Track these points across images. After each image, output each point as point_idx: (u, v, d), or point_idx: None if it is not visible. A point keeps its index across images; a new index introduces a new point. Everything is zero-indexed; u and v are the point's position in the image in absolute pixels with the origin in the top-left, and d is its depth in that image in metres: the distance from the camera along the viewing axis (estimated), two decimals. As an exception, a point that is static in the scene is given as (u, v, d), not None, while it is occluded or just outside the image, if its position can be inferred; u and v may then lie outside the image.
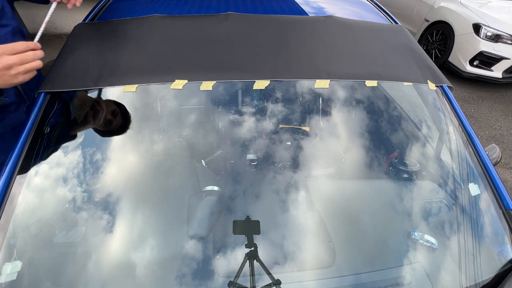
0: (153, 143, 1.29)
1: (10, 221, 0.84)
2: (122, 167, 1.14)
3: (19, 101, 1.18)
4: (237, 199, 1.09)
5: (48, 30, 4.55)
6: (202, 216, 1.02)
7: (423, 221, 1.06)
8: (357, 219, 1.08)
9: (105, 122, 1.15)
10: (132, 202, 1.04)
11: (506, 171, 2.89)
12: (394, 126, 1.53)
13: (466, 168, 1.10)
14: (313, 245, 0.98)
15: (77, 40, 1.16)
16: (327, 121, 1.45)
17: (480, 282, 0.87)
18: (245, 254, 0.90)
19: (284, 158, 1.27)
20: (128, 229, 0.96)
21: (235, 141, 1.33)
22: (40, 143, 0.98)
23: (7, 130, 1.19)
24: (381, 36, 1.31)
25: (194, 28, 1.20)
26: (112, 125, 1.17)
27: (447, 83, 1.23)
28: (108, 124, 1.16)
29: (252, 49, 1.14)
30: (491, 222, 0.97)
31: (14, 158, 0.89)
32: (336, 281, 0.89)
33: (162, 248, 0.94)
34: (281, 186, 1.13)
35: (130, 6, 1.44)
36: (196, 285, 0.86)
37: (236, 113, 1.44)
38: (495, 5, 4.28)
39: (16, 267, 0.80)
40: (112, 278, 0.86)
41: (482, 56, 3.90)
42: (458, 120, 1.16)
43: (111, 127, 1.17)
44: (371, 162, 1.30)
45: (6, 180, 0.85)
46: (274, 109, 1.50)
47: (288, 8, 1.49)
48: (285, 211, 1.06)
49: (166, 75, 1.03)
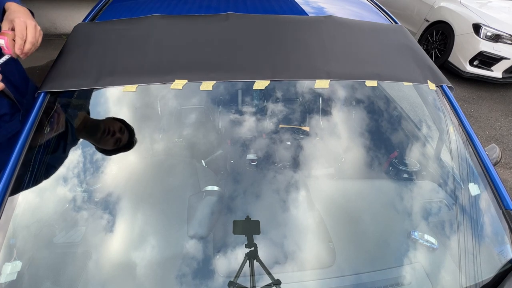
0: (153, 143, 1.29)
1: (10, 221, 0.84)
2: (122, 167, 1.14)
3: (12, 111, 1.16)
4: (237, 199, 1.09)
5: (48, 30, 4.55)
6: (202, 216, 1.02)
7: (423, 221, 1.06)
8: (357, 219, 1.08)
9: (115, 141, 1.17)
10: (132, 202, 1.04)
11: (506, 171, 2.89)
12: (394, 126, 1.53)
13: (466, 168, 1.10)
14: (313, 245, 0.98)
15: (77, 40, 1.16)
16: (327, 121, 1.45)
17: (480, 282, 0.87)
18: (245, 254, 0.90)
19: (284, 158, 1.27)
20: (128, 229, 0.96)
21: (235, 141, 1.33)
22: (40, 143, 0.97)
23: (3, 139, 1.17)
24: (381, 36, 1.31)
25: (194, 28, 1.20)
26: (122, 141, 1.18)
27: (447, 83, 1.23)
28: (118, 142, 1.17)
29: (252, 49, 1.14)
30: (491, 222, 0.97)
31: (14, 157, 0.89)
32: (336, 281, 0.89)
33: (162, 248, 0.94)
34: (281, 186, 1.13)
35: (130, 6, 1.44)
36: (196, 285, 0.86)
37: (236, 113, 1.44)
38: (495, 5, 4.28)
39: (16, 267, 0.80)
40: (112, 278, 0.86)
41: (482, 56, 3.90)
42: (458, 120, 1.16)
43: (122, 143, 1.19)
44: (371, 162, 1.30)
45: (6, 179, 0.85)
46: (274, 109, 1.50)
47: (288, 8, 1.49)
48: (285, 211, 1.06)
49: (166, 75, 1.03)
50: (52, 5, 4.37)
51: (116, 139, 1.16)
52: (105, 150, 1.17)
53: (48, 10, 4.40)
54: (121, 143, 1.18)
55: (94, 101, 1.17)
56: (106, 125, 1.16)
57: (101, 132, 1.15)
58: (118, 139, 1.17)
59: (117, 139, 1.17)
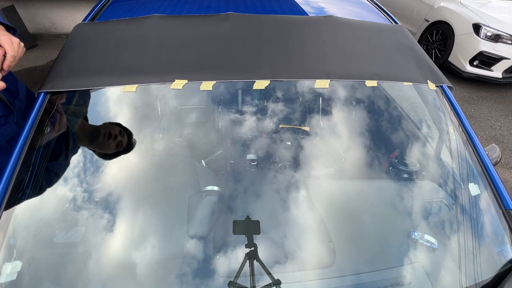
0: (153, 143, 1.30)
1: (10, 221, 0.84)
2: (122, 167, 1.14)
3: (7, 113, 1.14)
4: (237, 199, 1.09)
5: (48, 30, 4.55)
6: (202, 216, 1.02)
7: (423, 221, 1.06)
8: (357, 219, 1.08)
9: (117, 145, 1.17)
10: (132, 202, 1.04)
11: (506, 171, 2.89)
12: (394, 126, 1.53)
13: (466, 168, 1.10)
14: (313, 245, 0.98)
15: (77, 40, 1.16)
16: (327, 121, 1.46)
17: (480, 282, 0.87)
18: (245, 254, 0.90)
19: (284, 158, 1.27)
20: (128, 229, 0.96)
21: (235, 141, 1.33)
22: (40, 143, 0.97)
23: (1, 143, 1.17)
24: (381, 36, 1.31)
25: (194, 28, 1.20)
26: (123, 144, 1.19)
27: (447, 83, 1.23)
28: (119, 146, 1.17)
29: (252, 49, 1.14)
30: (491, 222, 0.97)
31: (14, 158, 0.89)
32: (336, 281, 0.89)
33: (163, 248, 0.94)
34: (281, 186, 1.13)
35: (130, 6, 1.44)
36: (196, 284, 0.86)
37: (236, 113, 1.44)
38: (495, 5, 4.28)
39: (16, 267, 0.80)
40: (112, 278, 0.86)
41: (482, 56, 3.90)
42: (458, 120, 1.16)
43: (123, 146, 1.19)
44: (371, 162, 1.30)
45: (7, 179, 0.85)
46: (274, 109, 1.50)
47: (288, 8, 1.49)
48: (285, 211, 1.06)
49: (166, 75, 1.03)
50: (52, 5, 4.37)
51: (117, 143, 1.16)
52: (106, 155, 1.17)
53: (48, 10, 4.40)
54: (122, 146, 1.18)
55: (94, 101, 1.17)
56: (106, 129, 1.16)
57: (102, 136, 1.15)
58: (119, 142, 1.17)
59: (118, 143, 1.17)
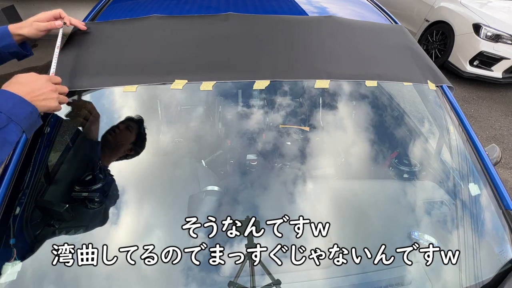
0: (153, 143, 1.30)
1: (10, 221, 0.84)
2: (122, 167, 1.14)
3: None
4: (237, 199, 1.09)
5: (48, 30, 4.55)
6: (202, 216, 1.02)
7: (423, 221, 1.06)
8: (357, 219, 1.08)
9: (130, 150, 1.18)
10: (132, 202, 1.04)
11: (506, 171, 2.89)
12: (394, 126, 1.53)
13: (466, 168, 1.10)
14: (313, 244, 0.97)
15: (77, 40, 1.15)
16: (327, 121, 1.46)
17: (480, 282, 0.87)
18: (245, 254, 0.90)
19: (284, 158, 1.27)
20: (128, 229, 0.96)
21: (235, 141, 1.33)
22: (40, 142, 0.98)
23: None
24: (381, 36, 1.31)
25: (194, 28, 1.20)
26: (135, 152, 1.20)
27: (447, 83, 1.22)
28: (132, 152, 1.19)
29: (252, 49, 1.14)
30: (491, 222, 0.97)
31: (14, 157, 0.89)
32: (336, 281, 0.89)
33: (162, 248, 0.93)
34: (281, 186, 1.13)
35: (130, 6, 1.44)
36: (196, 284, 0.86)
37: (236, 113, 1.44)
38: (495, 5, 4.28)
39: (16, 267, 0.80)
40: (113, 277, 0.86)
41: (482, 56, 3.89)
42: (458, 120, 1.16)
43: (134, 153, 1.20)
44: (371, 162, 1.30)
45: (7, 179, 0.85)
46: (274, 109, 1.50)
47: (288, 8, 1.49)
48: (285, 211, 1.06)
49: (166, 75, 1.03)
50: (52, 5, 4.37)
51: (130, 149, 1.18)
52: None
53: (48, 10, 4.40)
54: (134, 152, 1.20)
55: (94, 101, 1.17)
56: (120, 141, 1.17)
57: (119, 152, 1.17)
58: (131, 149, 1.19)
59: (131, 149, 1.18)
